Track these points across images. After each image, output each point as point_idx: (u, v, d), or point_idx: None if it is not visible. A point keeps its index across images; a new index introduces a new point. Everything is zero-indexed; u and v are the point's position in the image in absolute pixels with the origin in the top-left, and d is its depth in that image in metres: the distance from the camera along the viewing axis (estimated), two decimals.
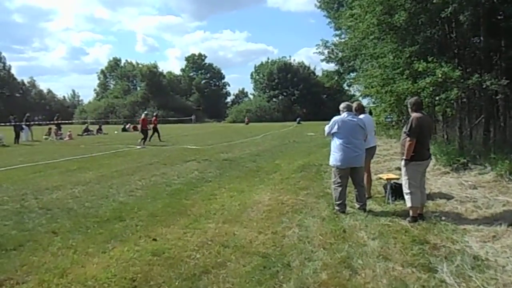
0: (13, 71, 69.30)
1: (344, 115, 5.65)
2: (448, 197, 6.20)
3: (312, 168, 9.53)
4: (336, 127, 5.56)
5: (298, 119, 43.36)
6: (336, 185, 5.57)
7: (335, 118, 5.65)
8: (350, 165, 5.52)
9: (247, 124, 47.23)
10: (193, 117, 54.95)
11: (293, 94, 58.04)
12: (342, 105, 5.77)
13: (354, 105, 6.27)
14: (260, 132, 26.11)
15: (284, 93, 59.89)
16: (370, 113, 20.57)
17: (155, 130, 18.87)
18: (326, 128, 5.69)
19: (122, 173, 9.17)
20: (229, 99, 77.14)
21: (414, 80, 9.61)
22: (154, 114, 16.75)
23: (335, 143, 5.59)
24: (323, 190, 6.95)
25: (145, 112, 16.95)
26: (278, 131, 28.10)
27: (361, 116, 6.14)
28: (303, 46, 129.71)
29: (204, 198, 6.59)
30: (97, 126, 31.78)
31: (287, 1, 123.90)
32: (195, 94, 71.13)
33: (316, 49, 31.24)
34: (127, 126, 34.82)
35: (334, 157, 5.58)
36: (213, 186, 7.59)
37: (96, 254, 4.27)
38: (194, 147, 15.87)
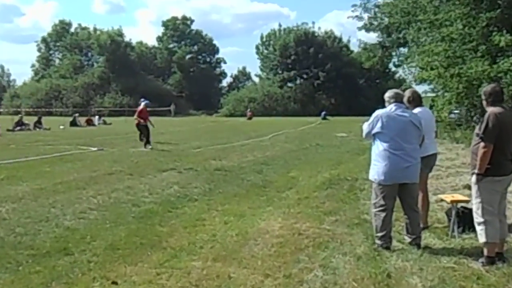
0: None
1: (391, 108, 5.64)
2: None
3: (343, 183, 9.56)
4: (379, 125, 5.55)
5: (323, 113, 43.58)
6: (378, 209, 5.56)
7: (378, 112, 5.64)
8: (399, 181, 5.51)
9: (249, 119, 47.36)
10: (172, 107, 55.21)
11: (317, 77, 58.23)
12: (388, 94, 5.76)
13: (407, 94, 6.26)
14: (268, 130, 26.18)
15: (304, 76, 60.17)
16: (430, 107, 20.58)
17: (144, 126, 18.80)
18: (365, 127, 5.69)
19: (69, 186, 9.21)
20: (224, 82, 77.85)
21: (493, 59, 9.59)
22: (145, 102, 17.00)
23: (378, 148, 5.59)
24: (358, 216, 6.97)
25: (145, 100, 17.49)
26: (294, 129, 28.16)
27: (417, 110, 6.12)
28: (332, 8, 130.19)
29: (186, 224, 6.63)
30: (35, 118, 32.11)
31: None
32: (176, 74, 71.65)
33: (352, 11, 31.42)
34: (78, 119, 35.13)
35: (376, 169, 5.58)
36: (200, 207, 7.63)
37: None
38: (173, 150, 15.92)
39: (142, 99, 18.10)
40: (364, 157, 12.36)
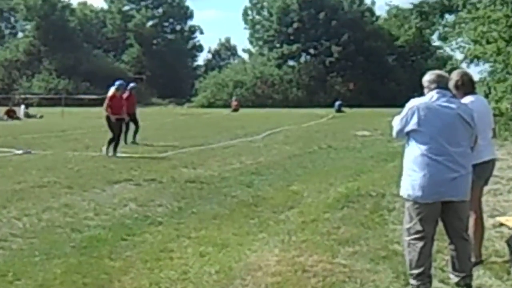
0: None
1: (431, 96, 5.64)
2: None
3: (365, 201, 9.57)
4: (414, 120, 5.54)
5: (338, 103, 43.69)
6: (413, 236, 5.55)
7: (414, 102, 5.64)
8: (442, 197, 5.50)
9: (235, 110, 47.20)
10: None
11: (329, 53, 58.56)
12: (428, 77, 5.76)
13: (454, 77, 6.24)
14: (261, 127, 26.18)
15: (311, 51, 60.44)
16: (486, 95, 20.44)
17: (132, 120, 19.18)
18: (396, 123, 5.69)
19: None
20: (200, 59, 78.02)
21: None
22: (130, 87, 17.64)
23: (413, 152, 5.58)
24: (385, 247, 6.98)
25: (132, 84, 18.12)
26: (297, 126, 28.16)
27: (467, 99, 6.10)
28: None
29: (147, 257, 6.61)
30: None
31: None
32: (133, 48, 71.66)
33: None
34: None
35: (410, 181, 5.57)
36: (166, 233, 7.62)
37: None
38: (128, 155, 15.94)
39: (132, 84, 18.78)
40: (394, 165, 12.32)
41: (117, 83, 17.06)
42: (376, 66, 57.12)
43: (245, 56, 69.90)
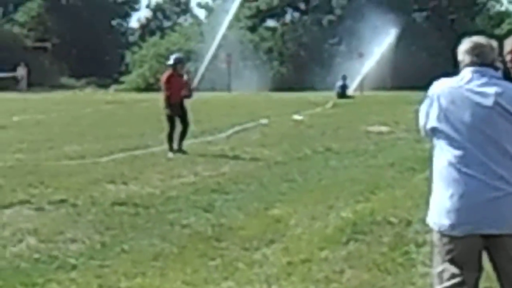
0: None
1: (462, 77, 5.70)
2: None
3: (382, 231, 9.66)
4: (435, 113, 5.58)
5: (340, 83, 44.21)
6: (447, 284, 5.62)
7: (437, 86, 5.69)
8: (477, 229, 5.57)
9: (186, 96, 46.45)
10: (21, 72, 56.16)
11: (328, 7, 58.76)
12: (464, 46, 5.81)
13: (508, 45, 6.31)
14: (226, 120, 26.51)
15: (301, 5, 60.54)
16: None
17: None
18: (421, 114, 5.73)
19: None
20: (133, 20, 77.79)
21: None
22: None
23: (439, 161, 5.60)
24: None
25: (176, 55, 19.01)
26: (280, 119, 28.22)
27: None
28: None
29: None
30: None
31: None
32: (33, 3, 71.21)
33: None
34: None
35: (436, 204, 5.64)
36: (83, 282, 7.63)
37: None
38: (26, 162, 15.93)
39: (175, 55, 19.61)
40: (425, 177, 12.01)
41: (175, 55, 18.88)
42: (399, 28, 57.18)
43: (201, 13, 70.20)
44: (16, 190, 12.47)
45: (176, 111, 18.10)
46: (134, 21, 77.32)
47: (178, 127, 18.21)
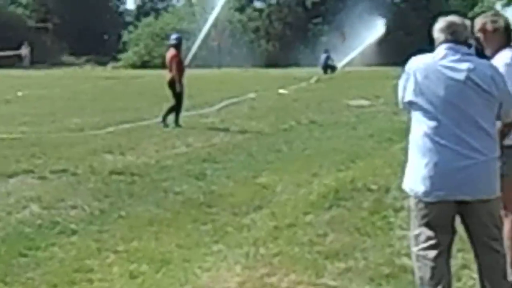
0: None
1: (436, 54, 5.93)
2: None
3: (363, 198, 9.90)
4: (410, 88, 5.79)
5: (324, 56, 44.71)
6: (422, 245, 5.84)
7: (413, 62, 5.92)
8: (450, 195, 5.75)
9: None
10: (25, 50, 56.56)
11: None
12: (439, 25, 5.98)
13: (479, 23, 6.53)
14: (216, 95, 26.66)
15: None
16: None
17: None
18: (399, 87, 5.97)
19: None
20: (130, 1, 76.93)
21: None
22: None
23: (415, 132, 5.84)
24: (390, 261, 7.23)
25: (175, 35, 19.45)
26: (267, 92, 28.26)
27: (500, 59, 6.37)
28: None
29: (56, 279, 6.75)
30: None
31: None
32: None
33: None
34: None
35: (412, 171, 5.91)
36: (82, 245, 7.84)
37: None
38: (29, 135, 16.19)
39: (175, 35, 19.89)
40: (402, 146, 11.53)
41: (175, 35, 19.29)
42: (380, 9, 57.07)
43: None
44: (20, 161, 12.75)
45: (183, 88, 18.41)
46: (130, 3, 76.95)
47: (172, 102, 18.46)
